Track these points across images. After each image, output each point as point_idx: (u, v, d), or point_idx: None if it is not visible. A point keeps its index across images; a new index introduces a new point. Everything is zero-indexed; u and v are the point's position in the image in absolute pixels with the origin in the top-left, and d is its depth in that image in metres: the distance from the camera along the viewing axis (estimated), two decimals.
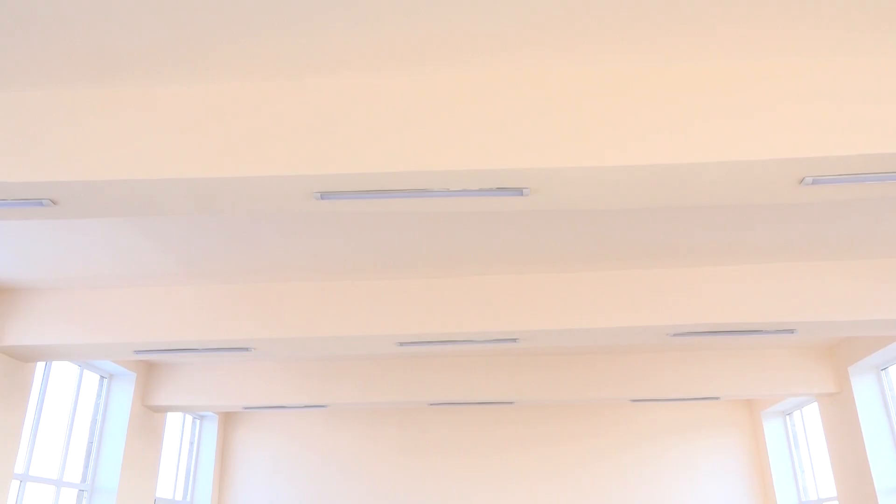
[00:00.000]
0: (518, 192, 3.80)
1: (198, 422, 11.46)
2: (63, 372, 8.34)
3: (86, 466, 8.68)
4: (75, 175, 3.68)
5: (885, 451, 8.18)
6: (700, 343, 8.66)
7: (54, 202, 3.89)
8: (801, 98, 3.60)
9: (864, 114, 3.54)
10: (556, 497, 11.15)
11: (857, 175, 3.66)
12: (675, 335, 6.45)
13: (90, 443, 8.79)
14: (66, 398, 8.41)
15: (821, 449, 9.90)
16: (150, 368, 9.44)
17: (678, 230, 5.56)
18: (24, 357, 6.93)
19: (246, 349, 6.74)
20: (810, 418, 10.33)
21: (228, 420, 11.88)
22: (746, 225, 5.48)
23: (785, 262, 6.21)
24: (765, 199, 3.93)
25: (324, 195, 3.84)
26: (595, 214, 5.28)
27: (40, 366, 7.81)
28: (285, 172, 3.64)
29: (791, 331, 6.30)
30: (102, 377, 9.07)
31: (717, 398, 9.16)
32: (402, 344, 6.66)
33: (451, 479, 11.34)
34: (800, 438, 10.71)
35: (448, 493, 11.26)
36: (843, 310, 6.06)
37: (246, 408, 9.46)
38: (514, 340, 6.57)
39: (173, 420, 10.72)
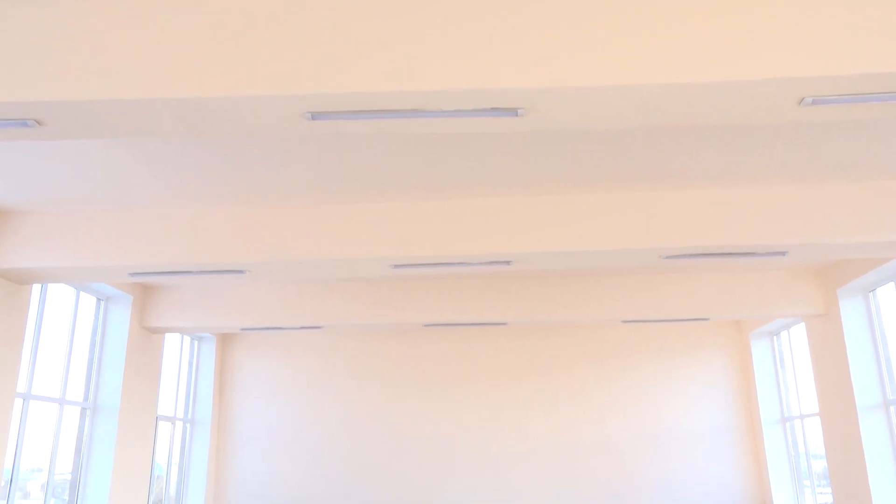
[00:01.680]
0: (513, 112, 3.73)
1: (196, 342, 11.65)
2: (60, 294, 8.39)
3: (87, 386, 8.86)
4: (60, 95, 3.59)
5: (868, 370, 8.41)
6: (691, 265, 8.74)
7: (39, 123, 3.81)
8: (802, 16, 3.49)
9: (867, 32, 3.44)
10: (547, 414, 11.50)
11: (859, 95, 3.60)
12: (667, 257, 6.50)
13: (90, 363, 8.94)
14: (63, 320, 8.50)
15: (805, 368, 10.16)
16: (146, 291, 9.51)
17: (672, 152, 5.51)
18: (20, 279, 6.96)
19: (240, 272, 6.76)
20: (797, 339, 10.56)
21: (226, 341, 12.07)
22: (741, 147, 5.43)
23: (778, 184, 6.19)
24: (763, 119, 3.88)
25: (315, 116, 3.77)
26: (589, 136, 5.22)
27: (36, 288, 7.85)
28: (275, 92, 3.56)
29: (782, 253, 6.34)
30: (99, 299, 9.14)
31: (706, 319, 9.32)
32: (396, 267, 6.69)
33: (445, 398, 11.65)
34: (786, 358, 10.99)
35: (441, 412, 11.59)
36: (834, 232, 6.09)
37: (243, 329, 9.59)
38: (507, 263, 6.61)
39: (172, 341, 10.88)
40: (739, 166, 5.79)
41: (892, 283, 8.17)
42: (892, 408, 8.21)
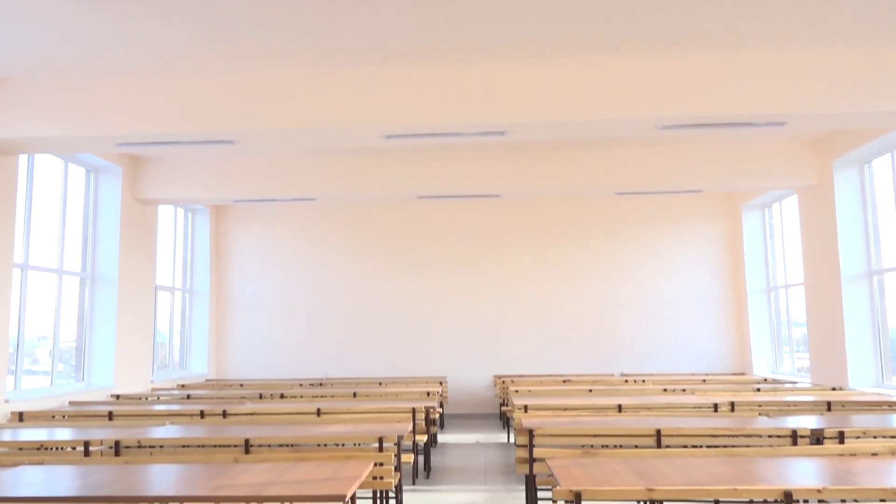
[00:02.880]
0: None
1: (190, 214, 11.67)
2: (48, 166, 8.28)
3: (84, 256, 8.95)
4: None
5: (855, 241, 8.53)
6: (685, 136, 8.63)
7: None
8: None
9: None
10: (539, 283, 11.76)
11: None
12: (664, 128, 6.39)
13: (85, 234, 8.98)
14: (54, 192, 8.44)
15: (794, 239, 10.30)
16: (135, 162, 9.39)
17: (673, 13, 5.27)
18: (5, 150, 6.83)
19: (229, 142, 6.64)
20: (788, 211, 10.63)
21: (220, 212, 12.09)
22: (743, 8, 5.19)
23: (778, 50, 5.98)
24: None
25: None
26: None
27: (24, 160, 7.73)
28: None
29: (781, 123, 6.24)
30: (89, 171, 9.04)
31: (699, 191, 9.33)
32: (388, 137, 6.57)
33: (438, 268, 11.85)
34: (776, 230, 11.12)
35: (434, 281, 11.83)
36: (834, 101, 5.95)
37: (236, 201, 9.57)
38: (501, 133, 6.50)
39: (166, 213, 10.89)
40: (740, 29, 5.57)
41: (888, 155, 8.12)
42: (875, 277, 8.40)
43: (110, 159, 8.87)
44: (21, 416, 6.70)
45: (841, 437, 4.48)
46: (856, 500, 3.00)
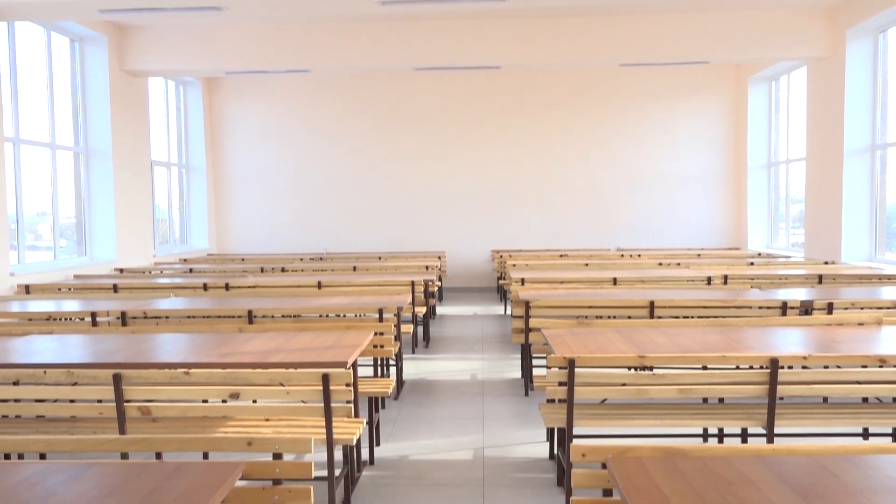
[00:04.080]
0: None
1: (182, 87, 11.36)
2: (30, 35, 7.95)
3: (76, 130, 8.79)
4: None
5: (862, 114, 8.36)
6: (693, 4, 8.24)
7: None
8: None
9: None
10: (539, 157, 11.66)
11: None
12: None
13: (75, 108, 8.78)
14: (39, 63, 8.15)
15: (799, 114, 10.10)
16: (121, 31, 9.02)
17: None
18: None
19: (217, 8, 6.34)
20: (796, 84, 10.35)
21: (212, 86, 11.77)
22: None
23: None
24: None
25: None
26: None
27: (3, 30, 7.40)
28: None
29: None
30: (73, 40, 8.70)
31: (706, 62, 9.03)
32: (384, 3, 6.27)
33: (437, 141, 11.70)
34: (781, 104, 10.88)
35: (433, 154, 11.71)
36: None
37: (228, 73, 9.28)
38: None
39: (157, 86, 10.59)
40: None
41: None
42: (878, 152, 8.31)
43: (94, 28, 8.50)
44: (28, 289, 6.83)
45: (829, 308, 4.59)
46: (839, 367, 3.11)
